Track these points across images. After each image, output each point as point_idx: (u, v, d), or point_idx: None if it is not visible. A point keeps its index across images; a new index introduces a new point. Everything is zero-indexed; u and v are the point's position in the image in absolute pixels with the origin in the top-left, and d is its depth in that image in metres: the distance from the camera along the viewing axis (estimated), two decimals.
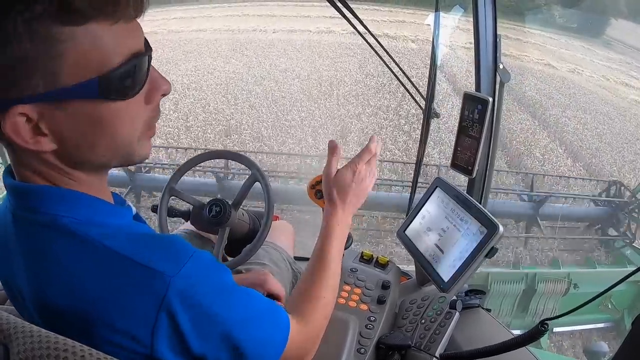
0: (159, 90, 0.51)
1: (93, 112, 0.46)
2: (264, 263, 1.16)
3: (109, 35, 0.44)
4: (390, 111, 9.32)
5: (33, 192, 0.49)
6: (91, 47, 0.43)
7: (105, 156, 0.50)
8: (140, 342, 0.47)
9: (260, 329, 0.55)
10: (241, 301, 0.54)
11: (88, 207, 0.50)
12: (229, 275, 0.54)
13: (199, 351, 0.49)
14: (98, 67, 0.44)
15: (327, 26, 15.46)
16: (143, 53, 0.48)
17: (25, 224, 0.49)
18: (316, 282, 0.71)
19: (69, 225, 0.48)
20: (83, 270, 0.47)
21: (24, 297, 0.51)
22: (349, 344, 0.84)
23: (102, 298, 0.46)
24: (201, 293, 0.49)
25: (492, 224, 0.80)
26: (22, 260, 0.50)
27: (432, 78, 1.28)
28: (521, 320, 4.20)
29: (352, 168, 0.77)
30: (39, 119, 0.45)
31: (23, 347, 0.42)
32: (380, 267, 1.05)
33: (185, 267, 0.48)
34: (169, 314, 0.46)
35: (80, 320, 0.47)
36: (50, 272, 0.48)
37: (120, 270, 0.47)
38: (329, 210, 0.77)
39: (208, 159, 1.21)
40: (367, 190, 0.79)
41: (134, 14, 0.46)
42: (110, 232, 0.49)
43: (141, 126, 0.51)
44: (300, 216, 4.84)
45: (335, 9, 1.07)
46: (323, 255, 0.73)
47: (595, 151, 8.73)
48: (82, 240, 0.47)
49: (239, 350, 0.52)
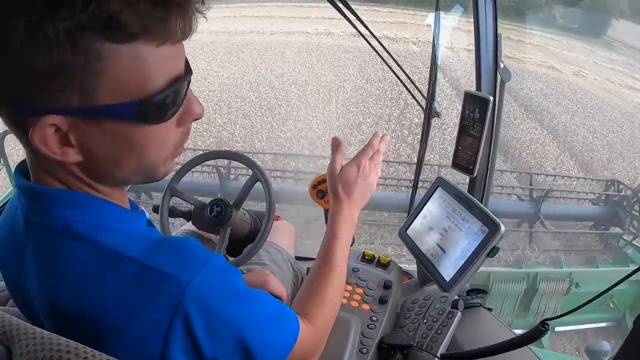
0: (193, 114, 0.50)
1: (126, 132, 0.45)
2: (265, 263, 1.16)
3: (153, 56, 0.43)
4: (393, 120, 8.94)
5: (47, 196, 0.48)
6: (134, 68, 0.42)
7: (130, 174, 0.50)
8: (152, 347, 0.46)
9: (271, 331, 0.56)
10: (253, 304, 0.54)
11: (101, 212, 0.50)
12: (240, 278, 0.54)
13: (210, 355, 0.49)
14: (138, 90, 0.43)
15: (325, 28, 15.07)
16: (183, 77, 0.47)
17: (37, 227, 0.49)
18: (322, 283, 0.71)
19: (81, 230, 0.47)
20: (95, 275, 0.47)
21: (33, 301, 0.51)
22: (351, 344, 0.84)
23: (114, 303, 0.46)
24: (216, 298, 0.49)
25: (493, 223, 0.80)
26: (33, 263, 0.49)
27: (432, 77, 1.28)
28: (523, 320, 4.19)
29: (356, 164, 0.77)
30: (69, 130, 0.43)
31: (26, 349, 0.42)
32: (382, 266, 1.05)
33: (200, 273, 0.48)
34: (184, 319, 0.46)
35: (90, 324, 0.47)
36: (62, 277, 0.47)
37: (134, 276, 0.46)
38: (334, 209, 0.77)
39: (209, 159, 1.21)
40: (372, 187, 0.78)
41: (181, 37, 0.45)
42: (123, 237, 0.48)
43: (170, 148, 0.50)
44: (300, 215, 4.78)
45: (335, 8, 1.07)
46: (329, 256, 0.73)
47: (607, 162, 8.42)
48: (95, 245, 0.47)
49: (250, 352, 0.52)
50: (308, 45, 13.85)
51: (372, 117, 9.20)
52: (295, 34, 15.17)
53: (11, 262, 0.53)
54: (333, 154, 0.79)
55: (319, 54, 13.14)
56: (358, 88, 10.66)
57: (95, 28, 0.39)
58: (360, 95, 10.22)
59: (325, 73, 11.53)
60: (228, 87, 10.54)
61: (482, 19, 1.04)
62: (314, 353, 0.68)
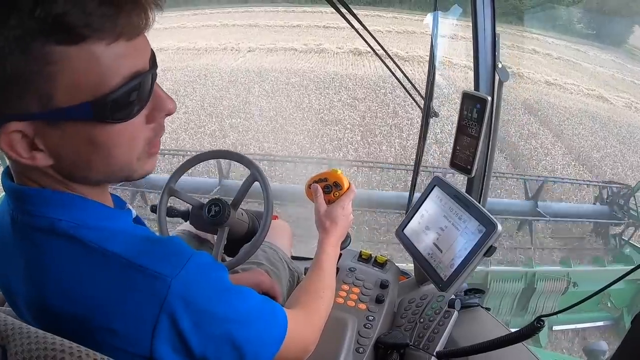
0: (163, 110, 0.49)
1: (88, 133, 0.45)
2: (261, 263, 1.16)
3: (106, 55, 0.42)
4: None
5: (31, 196, 0.49)
6: (87, 69, 0.41)
7: (102, 174, 0.50)
8: (140, 344, 0.47)
9: (258, 327, 0.56)
10: (239, 300, 0.54)
11: (84, 210, 0.50)
12: (226, 274, 0.55)
13: (199, 351, 0.49)
14: (93, 90, 0.42)
15: (317, 42, 11.88)
16: (146, 72, 0.46)
17: (24, 228, 0.49)
18: (315, 280, 0.80)
19: (66, 229, 0.47)
20: (81, 273, 0.47)
21: (21, 304, 0.51)
22: (348, 343, 0.84)
23: (101, 301, 0.46)
24: (201, 294, 0.49)
25: (490, 222, 0.80)
26: (20, 264, 0.49)
27: (430, 77, 1.28)
28: (521, 319, 4.21)
29: (341, 205, 0.91)
30: (35, 136, 0.44)
31: (21, 349, 0.42)
32: (379, 266, 1.05)
33: (184, 268, 0.48)
34: (170, 315, 0.46)
35: (78, 324, 0.47)
36: (49, 276, 0.47)
37: (119, 273, 0.46)
38: (322, 238, 0.89)
39: (208, 159, 1.21)
40: (350, 222, 0.94)
41: (137, 31, 0.44)
42: (107, 235, 0.48)
43: (141, 146, 0.49)
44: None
45: (334, 8, 1.07)
46: (320, 265, 0.84)
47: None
48: (80, 243, 0.47)
49: (239, 348, 0.52)
50: (288, 74, 9.68)
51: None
52: (278, 52, 11.86)
53: (1, 265, 0.53)
54: (316, 199, 0.93)
55: (303, 93, 8.45)
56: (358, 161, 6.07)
57: (44, 32, 0.39)
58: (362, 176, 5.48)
59: (308, 135, 6.40)
60: (159, 162, 6.60)
61: (480, 19, 1.04)
62: (310, 342, 0.69)
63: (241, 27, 14.26)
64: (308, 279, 0.81)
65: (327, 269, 0.83)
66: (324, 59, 10.91)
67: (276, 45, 12.47)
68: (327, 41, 11.76)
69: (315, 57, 11.17)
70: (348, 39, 11.63)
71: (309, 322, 0.70)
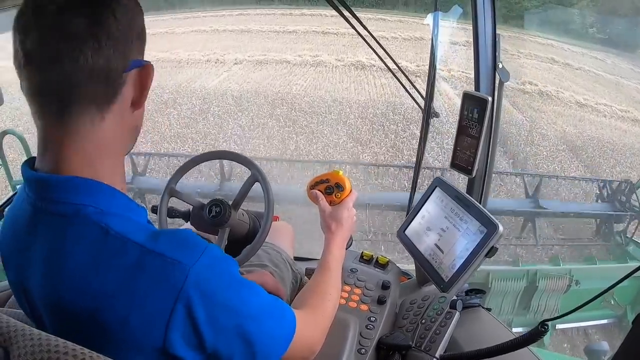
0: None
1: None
2: (264, 264, 1.16)
3: None
4: None
5: (60, 182, 0.49)
6: None
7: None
8: (154, 336, 0.47)
9: (270, 324, 0.56)
10: (252, 294, 0.55)
11: (111, 198, 0.51)
12: (237, 268, 0.56)
13: (212, 344, 0.49)
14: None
15: (314, 53, 10.13)
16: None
17: (46, 215, 0.50)
18: (321, 282, 0.81)
19: (90, 214, 0.49)
20: (99, 260, 0.47)
21: (35, 299, 0.51)
22: (350, 344, 0.84)
23: (117, 291, 0.47)
24: (216, 284, 0.50)
25: (491, 223, 0.80)
26: (39, 255, 0.50)
27: (431, 78, 1.28)
28: (523, 318, 4.19)
29: (346, 207, 0.93)
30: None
31: (23, 351, 0.42)
32: (380, 267, 1.05)
33: (202, 258, 0.49)
34: (186, 305, 0.47)
35: (92, 317, 0.47)
36: (66, 266, 0.48)
37: (138, 261, 0.47)
38: (328, 239, 0.90)
39: (208, 160, 1.21)
40: (354, 225, 0.95)
41: None
42: (129, 224, 0.50)
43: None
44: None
45: (337, 11, 1.07)
46: (326, 266, 0.84)
47: None
48: (101, 229, 0.48)
49: (250, 343, 0.53)
50: (276, 104, 7.75)
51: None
52: (268, 65, 9.99)
53: (16, 260, 0.54)
54: (320, 202, 0.95)
55: (289, 131, 6.53)
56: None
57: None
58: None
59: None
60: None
61: (480, 19, 1.04)
62: (317, 342, 0.70)
63: (232, 32, 12.97)
64: (314, 280, 0.82)
65: (334, 270, 0.84)
66: (321, 75, 9.18)
67: (267, 56, 10.82)
68: (325, 51, 10.02)
69: (310, 72, 9.42)
70: (349, 48, 10.68)
71: (316, 323, 0.71)
